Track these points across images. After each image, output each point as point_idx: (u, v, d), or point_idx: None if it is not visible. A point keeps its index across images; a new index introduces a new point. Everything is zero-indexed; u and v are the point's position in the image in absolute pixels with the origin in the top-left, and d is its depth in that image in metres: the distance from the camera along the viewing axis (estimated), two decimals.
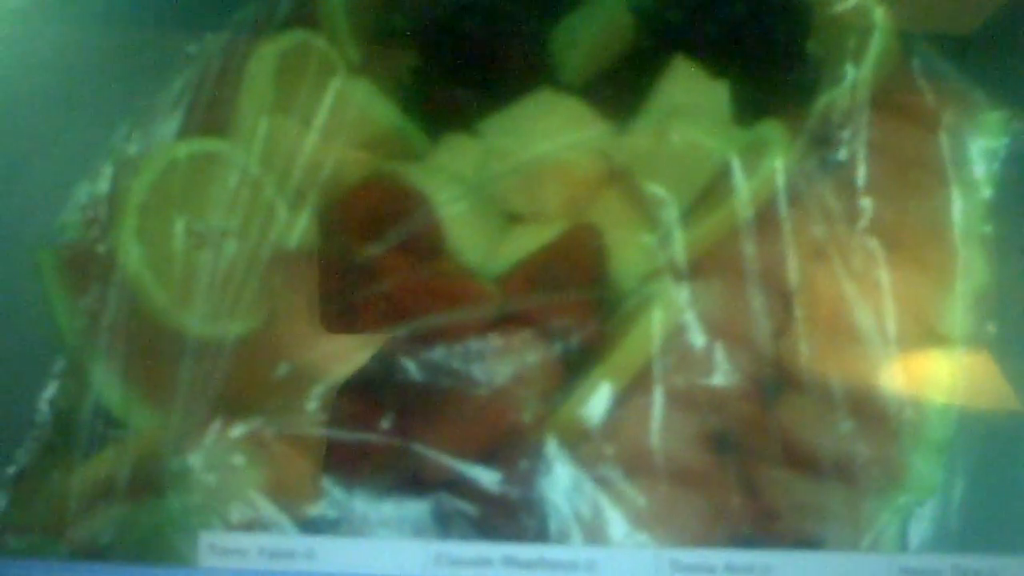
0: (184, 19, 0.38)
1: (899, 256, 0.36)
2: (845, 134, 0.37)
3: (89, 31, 0.38)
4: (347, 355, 0.37)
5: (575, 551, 0.36)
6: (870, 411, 0.36)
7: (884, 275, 0.36)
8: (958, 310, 0.36)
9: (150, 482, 0.37)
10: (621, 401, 0.36)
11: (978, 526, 0.36)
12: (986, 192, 0.36)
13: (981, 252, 0.37)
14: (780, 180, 0.36)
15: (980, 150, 0.37)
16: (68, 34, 0.38)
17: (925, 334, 0.36)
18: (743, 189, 0.36)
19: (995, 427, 0.37)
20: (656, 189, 0.37)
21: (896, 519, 0.36)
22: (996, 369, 0.37)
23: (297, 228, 0.37)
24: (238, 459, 0.37)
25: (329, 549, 0.36)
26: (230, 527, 0.36)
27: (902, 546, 0.36)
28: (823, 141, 0.37)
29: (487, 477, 0.36)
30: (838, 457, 0.36)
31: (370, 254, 0.37)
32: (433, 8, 0.38)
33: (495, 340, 0.36)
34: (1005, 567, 0.35)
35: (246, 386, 0.37)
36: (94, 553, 0.36)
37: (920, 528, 0.36)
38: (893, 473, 0.36)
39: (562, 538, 0.36)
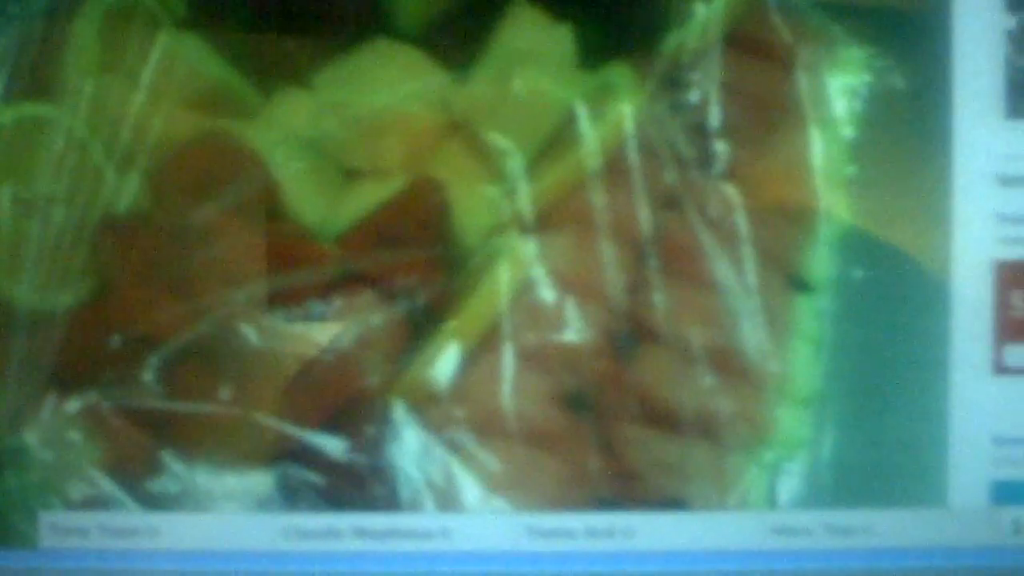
0: None
1: (757, 201, 0.37)
2: (696, 75, 0.37)
3: None
4: (183, 323, 0.38)
5: (428, 519, 0.38)
6: (732, 364, 0.37)
7: (742, 222, 0.38)
8: (822, 256, 0.38)
9: None
10: (470, 361, 0.37)
11: (850, 480, 0.37)
12: (848, 132, 0.37)
13: (845, 194, 0.37)
14: (629, 126, 0.38)
15: (840, 88, 0.37)
16: None
17: (787, 282, 0.38)
18: (590, 136, 0.37)
19: (863, 377, 0.38)
20: (499, 139, 0.38)
21: (764, 476, 0.37)
22: (863, 317, 0.37)
23: (126, 193, 0.38)
24: (74, 435, 0.38)
25: (173, 525, 0.38)
26: (70, 506, 0.38)
27: (771, 504, 0.37)
28: (673, 83, 0.38)
29: (333, 445, 0.38)
30: (700, 413, 0.37)
31: (203, 217, 0.38)
32: None
33: (336, 302, 0.38)
34: (878, 521, 0.37)
35: (79, 358, 0.38)
36: None
37: (789, 484, 0.38)
38: (758, 428, 0.37)
39: (414, 506, 0.38)
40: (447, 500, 0.38)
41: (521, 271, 0.38)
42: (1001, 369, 0.37)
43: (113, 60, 0.39)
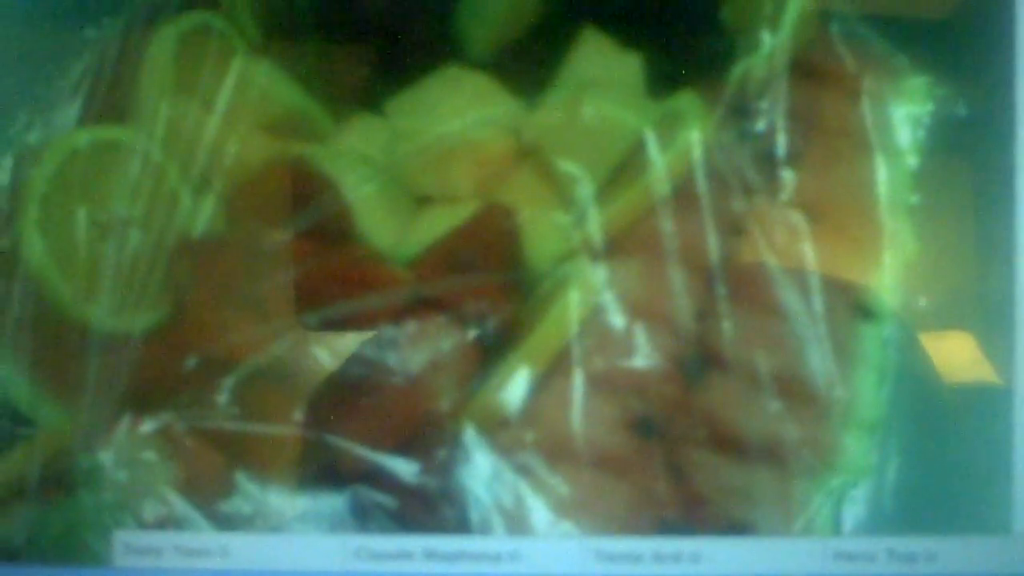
0: (81, 2, 0.40)
1: (823, 229, 0.39)
2: (763, 104, 0.39)
3: None
4: (257, 345, 0.40)
5: (498, 542, 0.39)
6: (798, 390, 0.38)
7: (808, 249, 0.39)
8: (887, 284, 0.39)
9: (61, 481, 0.39)
10: (540, 386, 0.39)
11: (913, 507, 0.38)
12: (912, 161, 0.39)
13: (909, 223, 0.39)
14: (697, 153, 0.39)
15: (904, 117, 0.39)
16: None
17: (853, 309, 0.39)
18: (659, 164, 0.39)
19: (928, 404, 0.39)
20: (569, 166, 0.39)
21: (829, 502, 0.38)
22: (927, 344, 0.39)
23: (202, 215, 0.40)
24: (149, 455, 0.40)
25: (245, 546, 0.39)
26: (144, 525, 0.39)
27: (836, 529, 0.38)
28: (741, 112, 0.39)
29: (405, 468, 0.39)
30: (766, 439, 0.38)
31: (278, 240, 0.39)
32: None
33: (409, 326, 0.39)
34: (941, 549, 0.38)
35: (155, 380, 0.40)
36: (7, 554, 0.40)
37: (854, 510, 0.38)
38: (824, 454, 0.38)
39: (484, 529, 0.39)
40: (516, 523, 0.39)
41: (590, 297, 0.39)
42: None
43: (188, 84, 0.41)
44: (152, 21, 0.41)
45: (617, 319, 0.39)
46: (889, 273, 0.39)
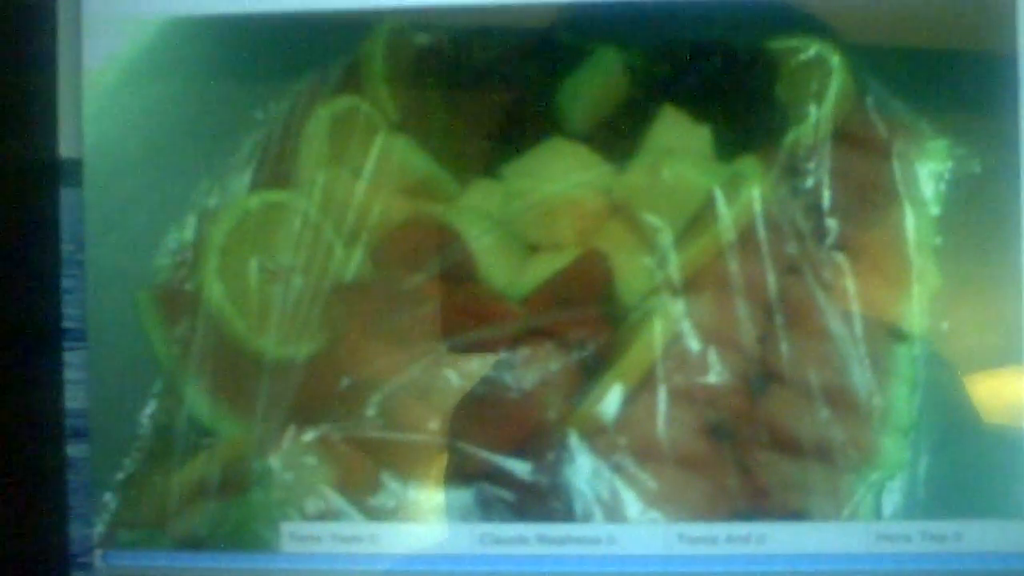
0: (251, 90, 0.46)
1: (862, 267, 0.44)
2: (811, 165, 0.44)
3: (173, 102, 0.46)
4: (399, 368, 0.46)
5: (597, 528, 0.44)
6: (843, 400, 0.44)
7: (850, 284, 0.44)
8: (915, 311, 0.44)
9: (237, 482, 0.45)
10: (631, 399, 0.44)
11: (941, 496, 0.43)
12: (935, 210, 0.44)
13: (933, 261, 0.44)
14: (757, 207, 0.44)
15: (928, 174, 0.44)
16: (156, 105, 0.46)
17: (888, 333, 0.44)
18: (726, 216, 0.44)
19: (951, 409, 0.44)
20: (652, 219, 0.45)
21: (871, 492, 0.43)
22: (950, 360, 0.45)
23: (352, 264, 0.46)
24: (311, 460, 0.45)
25: (390, 533, 0.45)
26: (306, 517, 0.45)
27: (877, 515, 0.43)
28: (793, 172, 0.44)
29: (520, 468, 0.44)
30: (818, 440, 0.44)
31: (414, 283, 0.46)
32: (459, 73, 0.46)
33: (522, 351, 0.45)
34: (967, 530, 0.43)
35: (315, 398, 0.46)
36: (192, 543, 0.45)
37: (891, 499, 0.43)
38: (866, 453, 0.43)
39: (586, 517, 0.44)
40: (612, 512, 0.44)
41: (671, 326, 0.45)
42: None
43: (339, 156, 0.47)
44: (310, 105, 0.47)
45: (694, 343, 0.44)
46: (917, 302, 0.44)
